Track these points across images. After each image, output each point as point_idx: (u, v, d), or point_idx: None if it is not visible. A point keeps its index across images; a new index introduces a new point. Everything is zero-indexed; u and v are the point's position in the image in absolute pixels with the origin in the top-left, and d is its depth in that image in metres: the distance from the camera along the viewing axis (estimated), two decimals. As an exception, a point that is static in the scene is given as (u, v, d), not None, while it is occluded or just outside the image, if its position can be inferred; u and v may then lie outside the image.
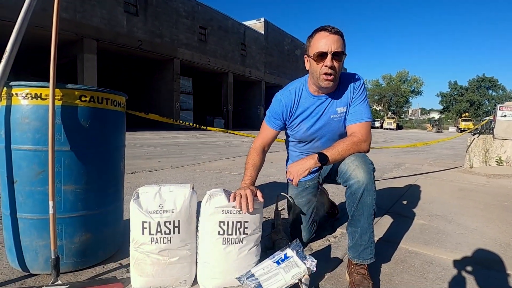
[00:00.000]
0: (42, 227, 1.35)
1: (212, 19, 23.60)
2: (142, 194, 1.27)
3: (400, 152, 8.32)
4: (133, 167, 4.43)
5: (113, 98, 1.50)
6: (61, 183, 1.36)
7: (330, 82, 1.43)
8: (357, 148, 1.42)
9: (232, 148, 8.35)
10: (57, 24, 1.38)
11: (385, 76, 69.32)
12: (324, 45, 1.38)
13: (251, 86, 30.31)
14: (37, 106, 1.32)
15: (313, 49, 1.42)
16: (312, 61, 1.44)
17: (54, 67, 1.34)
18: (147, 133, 14.60)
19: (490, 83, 60.63)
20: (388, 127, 44.28)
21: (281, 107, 1.60)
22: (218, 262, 1.28)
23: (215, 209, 1.25)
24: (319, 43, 1.39)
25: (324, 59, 1.39)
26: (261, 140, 1.67)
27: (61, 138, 1.35)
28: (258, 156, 1.59)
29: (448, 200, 3.07)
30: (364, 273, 1.35)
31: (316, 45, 1.40)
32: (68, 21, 14.78)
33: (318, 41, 1.40)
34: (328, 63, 1.38)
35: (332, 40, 1.38)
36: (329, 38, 1.38)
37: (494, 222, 2.39)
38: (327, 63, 1.38)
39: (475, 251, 1.84)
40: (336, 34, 1.39)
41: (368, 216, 1.35)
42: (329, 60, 1.38)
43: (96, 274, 1.44)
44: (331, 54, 1.37)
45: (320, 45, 1.39)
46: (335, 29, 1.40)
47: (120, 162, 1.61)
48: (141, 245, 1.25)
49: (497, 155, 5.19)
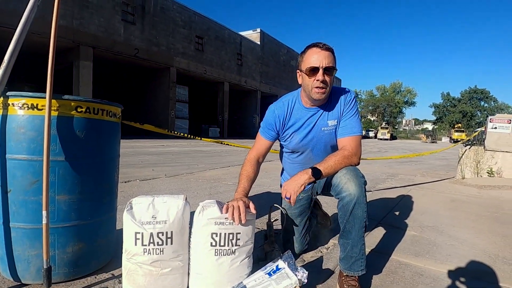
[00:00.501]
0: (34, 237, 1.35)
1: (209, 29, 23.83)
2: (135, 204, 1.28)
3: (394, 162, 8.39)
4: (127, 175, 4.42)
5: (109, 109, 1.52)
6: (55, 193, 1.36)
7: (322, 95, 1.48)
8: (348, 161, 1.45)
9: (226, 157, 8.36)
10: (55, 37, 1.40)
11: (379, 87, 70.25)
12: (316, 60, 1.43)
13: (246, 95, 30.48)
14: (33, 116, 1.34)
15: (305, 64, 1.48)
16: (305, 75, 1.49)
17: (51, 78, 1.36)
18: (141, 141, 14.56)
19: (482, 94, 61.65)
20: (382, 137, 44.63)
21: (274, 118, 1.65)
22: (210, 273, 1.28)
23: (207, 220, 1.26)
24: (311, 59, 1.45)
25: (316, 74, 1.44)
26: (255, 152, 1.70)
27: (56, 148, 1.36)
28: (252, 168, 1.61)
29: (440, 211, 3.10)
30: (355, 284, 1.37)
31: (308, 60, 1.46)
32: (65, 28, 14.84)
33: (310, 56, 1.46)
34: (319, 77, 1.43)
35: (323, 56, 1.43)
36: (321, 54, 1.44)
37: (485, 234, 2.42)
38: (319, 77, 1.43)
39: (466, 262, 1.87)
40: (327, 50, 1.45)
41: (359, 229, 1.38)
42: (320, 75, 1.43)
43: (88, 284, 1.43)
44: (323, 69, 1.43)
45: (312, 60, 1.45)
46: (326, 46, 1.46)
47: (114, 172, 1.62)
48: (133, 256, 1.25)
49: (488, 166, 5.27)
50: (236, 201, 1.32)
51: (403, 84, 69.13)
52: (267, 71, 31.07)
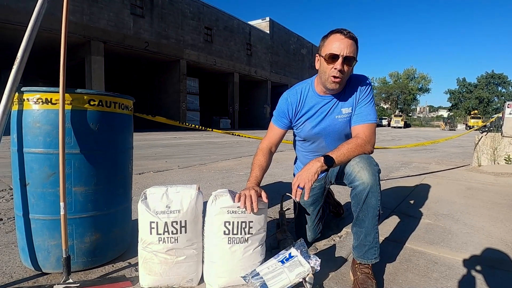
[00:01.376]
0: (53, 228, 1.40)
1: (218, 20, 23.68)
2: (149, 195, 1.31)
3: (408, 150, 8.26)
4: (140, 167, 4.49)
5: (121, 102, 1.54)
6: (72, 185, 1.40)
7: (336, 85, 1.45)
8: (361, 149, 1.43)
9: (238, 148, 8.39)
10: (66, 33, 1.42)
11: (392, 74, 68.78)
12: (337, 47, 1.39)
13: (257, 85, 30.33)
14: (47, 110, 1.37)
15: (326, 49, 1.43)
16: (323, 61, 1.45)
17: (64, 73, 1.38)
18: (154, 133, 14.73)
19: (499, 79, 59.66)
20: (396, 125, 43.86)
21: (287, 105, 1.64)
22: (224, 261, 1.30)
23: (220, 209, 1.28)
24: (332, 45, 1.40)
25: (335, 61, 1.40)
26: (267, 141, 1.69)
27: (71, 141, 1.39)
28: (264, 157, 1.61)
29: (455, 199, 3.05)
30: (368, 272, 1.36)
31: (330, 46, 1.41)
32: (75, 24, 15.00)
33: (332, 42, 1.41)
34: (338, 66, 1.39)
35: (346, 44, 1.38)
36: (343, 42, 1.39)
37: (501, 221, 2.38)
38: (337, 66, 1.39)
39: (481, 250, 1.84)
40: (351, 39, 1.40)
41: (373, 217, 1.37)
42: (339, 63, 1.39)
43: (106, 272, 1.48)
44: (343, 57, 1.38)
45: (333, 47, 1.40)
46: (350, 34, 1.41)
47: (128, 164, 1.65)
48: (149, 244, 1.28)
49: (505, 153, 5.13)
50: (248, 190, 1.32)
51: (417, 70, 67.73)
52: (277, 60, 30.77)
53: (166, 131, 17.69)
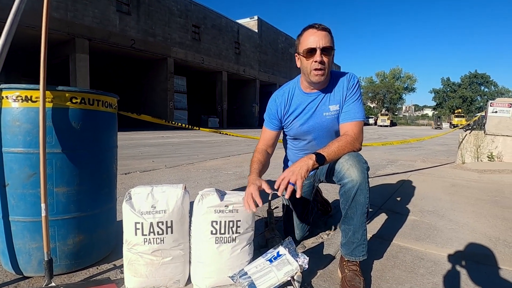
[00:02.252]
0: (34, 230, 1.35)
1: (206, 18, 23.52)
2: (134, 195, 1.28)
3: (394, 149, 8.39)
4: (127, 167, 4.42)
5: (104, 100, 1.50)
6: (53, 185, 1.35)
7: (320, 77, 1.47)
8: (351, 147, 1.44)
9: (226, 147, 8.36)
10: (47, 27, 1.38)
11: (379, 73, 69.83)
12: (313, 41, 1.43)
13: (245, 84, 30.29)
14: (27, 108, 1.32)
15: (303, 46, 1.47)
16: (302, 58, 1.48)
17: (44, 69, 1.33)
18: (141, 133, 14.54)
19: (482, 79, 61.26)
20: (382, 124, 44.54)
21: (275, 107, 1.66)
22: (211, 261, 1.29)
23: (207, 208, 1.26)
24: (308, 40, 1.44)
25: (314, 55, 1.43)
26: (262, 143, 1.70)
27: (53, 140, 1.34)
28: (262, 155, 1.61)
29: (440, 196, 3.11)
30: (356, 269, 1.37)
31: (305, 42, 1.45)
32: (59, 20, 14.64)
33: (307, 38, 1.45)
34: (317, 58, 1.42)
35: (320, 36, 1.42)
36: (317, 35, 1.43)
37: (485, 217, 2.43)
38: (317, 58, 1.42)
39: (466, 246, 1.87)
40: (324, 30, 1.44)
41: (361, 215, 1.37)
42: (318, 56, 1.42)
43: (90, 275, 1.44)
44: (320, 49, 1.42)
45: (309, 42, 1.44)
46: (322, 26, 1.45)
47: (113, 163, 1.61)
48: (134, 245, 1.25)
49: (488, 150, 5.26)
50: (248, 188, 1.33)
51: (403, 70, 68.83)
52: (265, 59, 30.79)
53: (153, 130, 17.48)
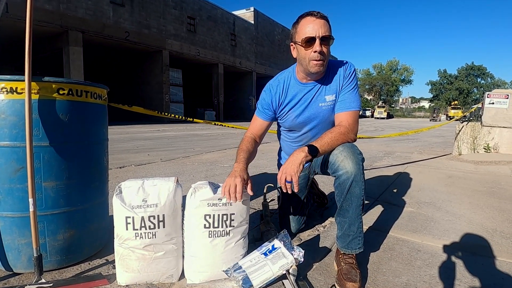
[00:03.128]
0: (23, 225, 1.31)
1: (201, 9, 23.21)
2: (125, 188, 1.24)
3: (391, 141, 8.39)
4: (122, 161, 4.37)
5: (93, 91, 1.45)
6: (42, 179, 1.31)
7: (320, 67, 1.41)
8: (344, 138, 1.40)
9: (223, 140, 8.32)
10: (31, 15, 1.32)
11: (376, 66, 69.62)
12: (312, 30, 1.35)
13: (242, 77, 30.08)
14: (13, 100, 1.28)
15: (300, 35, 1.39)
16: (300, 47, 1.41)
17: (29, 59, 1.29)
18: (137, 126, 14.44)
19: (478, 71, 61.25)
20: (379, 116, 44.58)
21: (270, 96, 1.60)
22: (205, 255, 1.26)
23: (200, 202, 1.23)
24: (306, 29, 1.37)
25: (313, 44, 1.36)
26: (251, 132, 1.65)
27: (40, 133, 1.30)
28: (250, 143, 1.56)
29: (437, 187, 3.10)
30: (352, 262, 1.35)
31: (303, 30, 1.38)
32: (52, 12, 14.37)
33: (304, 26, 1.37)
34: (317, 48, 1.36)
35: (319, 25, 1.35)
36: (316, 23, 1.35)
37: (481, 208, 2.42)
38: (316, 48, 1.36)
39: (463, 237, 1.86)
40: (322, 18, 1.37)
41: (356, 207, 1.34)
42: (317, 45, 1.35)
43: (82, 271, 1.41)
44: (319, 39, 1.35)
45: (307, 30, 1.36)
46: (320, 14, 1.38)
47: (103, 156, 1.57)
48: (125, 240, 1.22)
49: (485, 142, 5.26)
50: (234, 178, 1.27)
51: (400, 62, 68.65)
52: (262, 51, 30.55)
53: (149, 123, 17.37)
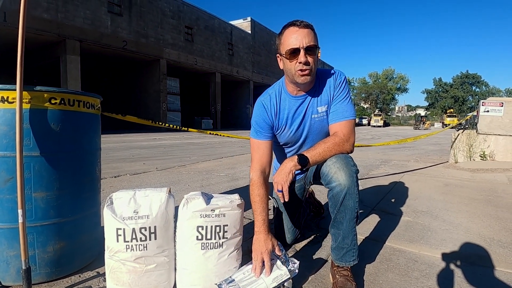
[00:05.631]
0: (12, 237, 1.28)
1: (198, 19, 23.43)
2: (116, 199, 1.22)
3: (388, 149, 8.40)
4: (117, 170, 4.33)
5: (86, 100, 1.44)
6: (31, 190, 1.29)
7: (306, 77, 1.36)
8: (339, 149, 1.36)
9: (219, 148, 8.29)
10: (24, 24, 1.31)
11: (372, 74, 70.31)
12: (295, 40, 1.31)
13: (239, 85, 30.25)
14: (4, 110, 1.26)
15: (284, 46, 1.35)
16: (285, 59, 1.37)
17: (21, 68, 1.27)
18: (133, 135, 14.39)
19: (473, 79, 62.01)
20: (376, 124, 44.81)
21: (265, 114, 1.51)
22: (197, 268, 1.23)
23: (192, 213, 1.21)
24: (289, 40, 1.33)
25: (297, 56, 1.32)
26: (258, 165, 1.47)
27: (30, 143, 1.28)
28: (260, 188, 1.41)
29: (433, 196, 3.09)
30: (347, 274, 1.32)
31: (287, 42, 1.34)
32: (49, 21, 14.44)
33: (288, 37, 1.33)
34: (302, 59, 1.31)
35: (302, 35, 1.31)
36: (300, 33, 1.31)
37: (479, 217, 2.41)
38: (301, 59, 1.31)
39: (460, 246, 1.84)
40: (306, 27, 1.33)
41: (350, 219, 1.31)
42: (302, 56, 1.31)
43: (72, 283, 1.37)
44: (304, 49, 1.31)
45: (291, 42, 1.32)
46: (304, 23, 1.34)
47: (96, 167, 1.55)
48: (116, 252, 1.19)
49: (480, 149, 5.27)
50: (260, 253, 1.26)
51: (395, 70, 69.36)
52: (259, 60, 30.79)
53: (146, 132, 17.32)
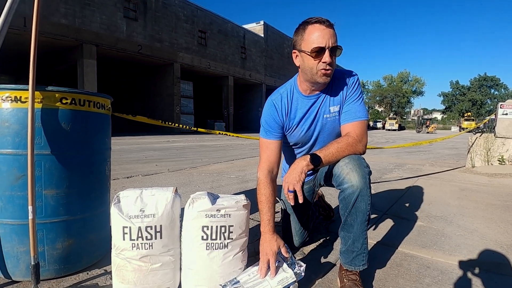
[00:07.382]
0: (22, 233, 1.31)
1: (212, 23, 23.65)
2: (123, 198, 1.23)
3: (402, 152, 8.24)
4: (129, 171, 4.39)
5: (96, 100, 1.46)
6: (42, 187, 1.32)
7: (328, 78, 1.34)
8: (352, 149, 1.33)
9: (231, 151, 8.31)
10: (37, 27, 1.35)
11: (386, 77, 69.45)
12: (322, 39, 1.27)
13: (251, 89, 30.31)
14: (17, 109, 1.30)
15: (308, 43, 1.30)
16: (307, 56, 1.32)
17: (34, 69, 1.31)
18: (147, 137, 14.60)
19: (492, 82, 60.40)
20: (390, 128, 44.10)
21: (276, 112, 1.49)
22: (202, 268, 1.22)
23: (198, 213, 1.20)
24: (314, 37, 1.28)
25: (322, 55, 1.29)
26: (266, 164, 1.46)
27: (42, 141, 1.31)
28: (267, 188, 1.39)
29: (449, 200, 3.00)
30: (356, 279, 1.29)
31: (312, 39, 1.29)
32: (67, 27, 14.86)
33: (313, 34, 1.29)
34: (327, 59, 1.28)
35: (329, 34, 1.28)
36: (326, 32, 1.28)
37: (496, 223, 2.32)
38: (326, 59, 1.28)
39: (476, 253, 1.78)
40: (331, 27, 1.31)
41: (361, 222, 1.28)
42: (327, 56, 1.28)
43: (79, 280, 1.39)
44: (329, 49, 1.28)
45: (317, 40, 1.27)
46: (329, 22, 1.31)
47: (105, 166, 1.57)
48: (122, 251, 1.20)
49: (499, 154, 5.11)
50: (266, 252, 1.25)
51: (410, 73, 68.51)
52: (271, 63, 30.80)
53: (161, 134, 17.56)
